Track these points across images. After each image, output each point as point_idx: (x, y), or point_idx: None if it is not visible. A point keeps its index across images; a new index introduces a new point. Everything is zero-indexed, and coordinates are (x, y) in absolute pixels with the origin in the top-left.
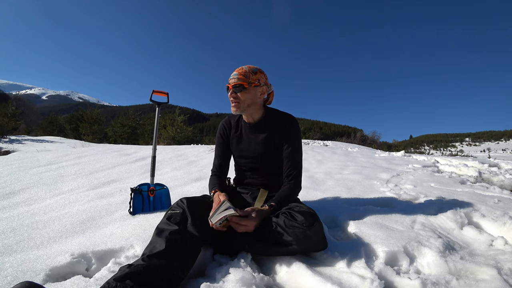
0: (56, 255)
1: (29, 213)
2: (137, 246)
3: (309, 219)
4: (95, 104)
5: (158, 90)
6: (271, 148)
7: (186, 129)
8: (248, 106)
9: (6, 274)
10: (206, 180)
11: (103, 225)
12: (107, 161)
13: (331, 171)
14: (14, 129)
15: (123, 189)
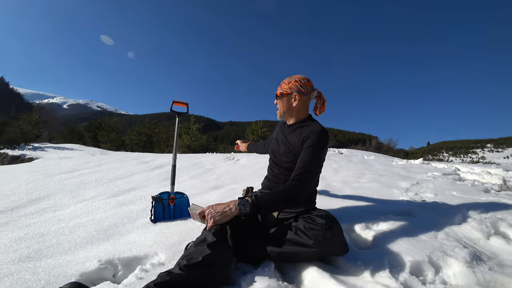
0: (84, 261)
1: (55, 219)
2: (161, 253)
3: (328, 221)
4: (112, 113)
5: (178, 101)
6: (291, 148)
7: (201, 137)
8: (284, 112)
9: (40, 278)
10: (224, 188)
11: (126, 232)
12: (126, 169)
13: (348, 179)
14: (37, 137)
15: (143, 197)
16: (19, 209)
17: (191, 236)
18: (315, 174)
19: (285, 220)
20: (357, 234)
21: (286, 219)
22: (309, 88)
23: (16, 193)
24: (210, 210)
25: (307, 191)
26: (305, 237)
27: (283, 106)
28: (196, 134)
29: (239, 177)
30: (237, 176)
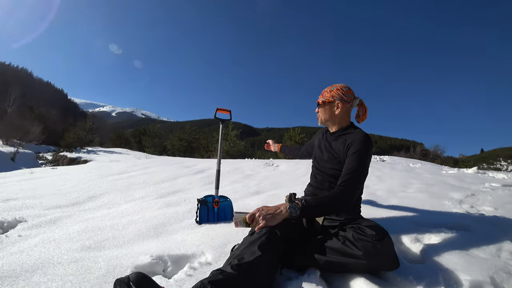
0: (138, 255)
1: (110, 216)
2: (207, 253)
3: (379, 233)
4: (156, 120)
5: (222, 108)
6: (335, 155)
7: (239, 143)
8: (325, 120)
9: (100, 267)
10: (264, 193)
11: (173, 232)
12: (170, 172)
13: (393, 188)
14: (90, 141)
15: (187, 199)
16: (79, 204)
17: (235, 238)
18: (361, 180)
19: (331, 228)
20: (406, 247)
21: (332, 227)
22: (351, 96)
23: (76, 190)
24: (261, 211)
25: (354, 197)
26: (354, 248)
27: (325, 114)
28: (235, 140)
29: (279, 183)
30: (277, 182)
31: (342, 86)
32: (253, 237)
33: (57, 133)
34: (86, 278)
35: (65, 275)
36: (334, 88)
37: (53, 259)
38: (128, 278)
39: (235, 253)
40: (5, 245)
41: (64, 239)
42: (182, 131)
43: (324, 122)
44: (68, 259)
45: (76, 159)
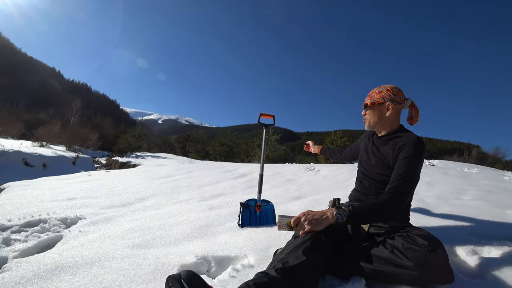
0: (183, 254)
1: (157, 216)
2: (250, 256)
3: (431, 243)
4: (198, 126)
5: (265, 113)
6: (384, 160)
7: (279, 147)
8: (374, 123)
9: (150, 263)
10: (306, 198)
11: (217, 234)
12: (212, 176)
13: (445, 195)
14: (139, 147)
15: (229, 202)
16: (129, 205)
17: (277, 242)
18: (412, 187)
19: (377, 235)
20: (461, 260)
21: (378, 234)
22: (402, 97)
23: (127, 192)
24: (307, 216)
25: (404, 205)
26: (403, 258)
27: (375, 116)
28: (275, 144)
29: (321, 188)
30: (319, 187)
31: (392, 87)
32: (298, 241)
33: (110, 140)
34: (137, 273)
35: (119, 269)
36: (383, 89)
37: (108, 254)
38: (179, 275)
39: (279, 257)
40: (68, 239)
41: (118, 236)
42: (224, 137)
43: (372, 126)
44: (121, 254)
45: (127, 163)
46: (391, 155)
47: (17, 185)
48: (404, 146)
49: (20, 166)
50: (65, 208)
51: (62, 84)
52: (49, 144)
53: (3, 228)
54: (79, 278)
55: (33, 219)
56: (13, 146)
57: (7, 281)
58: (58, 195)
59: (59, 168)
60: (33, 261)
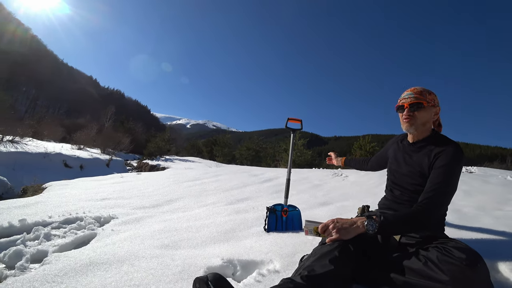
0: (210, 256)
1: (184, 218)
2: (276, 262)
3: (470, 257)
4: (225, 131)
5: (293, 118)
6: (418, 168)
7: (306, 152)
8: (422, 125)
9: (177, 264)
10: (333, 205)
11: (242, 238)
12: (239, 180)
13: (485, 205)
14: (168, 151)
15: (255, 207)
16: (158, 207)
17: (303, 248)
18: (448, 198)
19: (409, 245)
20: (504, 277)
21: (410, 245)
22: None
23: (156, 194)
24: (336, 223)
25: (438, 216)
26: (438, 271)
27: (424, 118)
28: (301, 149)
29: (349, 194)
30: (347, 193)
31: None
32: (324, 249)
33: (141, 143)
34: (165, 273)
35: (148, 268)
36: (431, 91)
37: (138, 253)
38: (206, 277)
39: (304, 264)
40: (101, 237)
41: (147, 236)
42: (250, 141)
43: (416, 128)
44: (150, 254)
45: (156, 166)
46: (426, 162)
47: (58, 184)
48: (440, 153)
49: (61, 167)
50: (99, 207)
51: (98, 91)
52: (85, 147)
53: (45, 223)
54: (111, 275)
55: (71, 216)
56: (55, 148)
57: (47, 273)
58: (93, 195)
59: (94, 169)
60: (70, 256)
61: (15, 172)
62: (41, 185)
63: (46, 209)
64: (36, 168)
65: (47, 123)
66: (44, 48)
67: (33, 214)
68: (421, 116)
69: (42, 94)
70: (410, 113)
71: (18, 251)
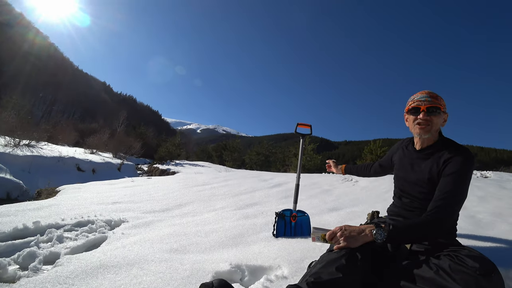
0: (218, 261)
1: (194, 223)
2: (284, 267)
3: (485, 266)
4: (235, 135)
5: (302, 123)
6: (426, 176)
7: (315, 157)
8: (435, 130)
9: (186, 268)
10: (343, 210)
11: (251, 243)
12: (248, 185)
13: (501, 211)
14: (178, 155)
15: (264, 212)
16: (168, 211)
17: (312, 254)
18: (459, 206)
19: (420, 253)
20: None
21: (421, 252)
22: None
23: (166, 198)
24: (344, 231)
25: (448, 225)
26: (450, 280)
27: (438, 124)
28: (311, 154)
29: (359, 199)
30: (357, 199)
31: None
32: (332, 256)
33: (152, 148)
34: (173, 277)
35: (157, 272)
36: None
37: (147, 257)
38: (212, 284)
39: (311, 271)
40: (112, 240)
41: (157, 240)
42: (260, 146)
43: (432, 133)
44: (160, 258)
45: (166, 170)
46: (435, 169)
47: (71, 188)
48: (450, 160)
49: (74, 171)
50: (110, 211)
51: (111, 97)
52: (98, 151)
53: (58, 226)
54: (120, 278)
55: (83, 219)
56: (69, 152)
57: (59, 275)
58: (104, 198)
59: (106, 173)
60: (81, 259)
61: (31, 175)
62: (55, 188)
63: (59, 212)
64: (51, 172)
65: (62, 127)
66: (61, 55)
67: (46, 216)
68: (437, 122)
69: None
70: (427, 117)
71: (31, 253)
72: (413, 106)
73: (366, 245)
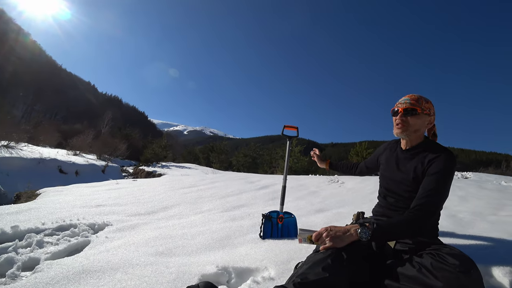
0: (204, 264)
1: (180, 225)
2: (271, 269)
3: (464, 263)
4: (222, 137)
5: (289, 125)
6: (411, 175)
7: (302, 159)
8: (414, 131)
9: (172, 271)
10: (329, 211)
11: (238, 245)
12: (235, 187)
13: (480, 210)
14: (164, 157)
15: (251, 214)
16: (154, 213)
17: (299, 255)
18: (441, 204)
19: (404, 252)
20: (498, 282)
21: (404, 251)
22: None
23: (151, 201)
24: (329, 232)
25: (430, 222)
26: (432, 278)
27: (417, 125)
28: (298, 156)
29: (345, 201)
30: (343, 200)
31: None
32: (318, 257)
33: (138, 150)
34: (159, 280)
35: (142, 276)
36: (428, 100)
37: (132, 260)
38: (198, 286)
39: (298, 271)
40: (95, 244)
41: (142, 244)
42: (247, 148)
43: (408, 134)
44: (145, 261)
45: (152, 172)
46: (420, 169)
47: (52, 190)
48: (434, 160)
49: (56, 173)
50: (94, 214)
51: (96, 97)
52: (81, 153)
53: (38, 230)
54: (104, 283)
55: (65, 223)
56: (50, 154)
57: (39, 281)
58: (87, 201)
59: (90, 175)
60: (62, 264)
61: (9, 177)
62: (35, 191)
63: (39, 216)
64: (31, 174)
65: (43, 128)
66: (43, 53)
67: (26, 220)
68: (414, 123)
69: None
70: (403, 118)
71: (9, 259)
72: (394, 109)
73: (351, 245)
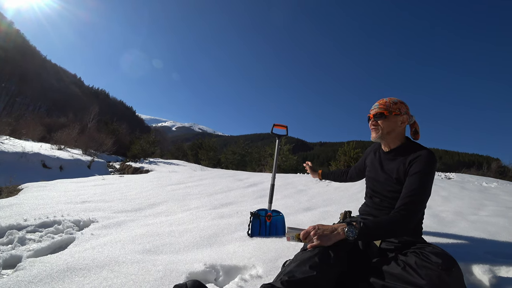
0: (192, 262)
1: (167, 223)
2: (258, 267)
3: (446, 261)
4: (211, 134)
5: (279, 124)
6: (394, 176)
7: (291, 158)
8: (387, 133)
9: (159, 269)
10: (317, 210)
11: (226, 242)
12: (223, 185)
13: (462, 210)
14: (152, 153)
15: (239, 211)
16: (141, 210)
17: (286, 254)
18: (424, 203)
19: (389, 251)
20: (477, 279)
21: (390, 250)
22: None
23: (139, 197)
24: (317, 230)
25: (415, 222)
26: (416, 276)
27: (389, 127)
28: (287, 154)
29: (332, 200)
30: (330, 199)
31: (403, 101)
32: (305, 255)
33: (125, 145)
34: (146, 278)
35: (128, 274)
36: (397, 101)
37: (119, 258)
38: (186, 285)
39: (286, 269)
40: (80, 241)
41: (128, 241)
42: (236, 145)
43: (383, 137)
44: (131, 259)
45: (140, 168)
46: (401, 169)
47: (35, 186)
48: (415, 160)
49: (39, 168)
50: (79, 210)
51: (82, 90)
52: (66, 147)
53: (20, 227)
54: (89, 281)
55: (48, 220)
56: (33, 148)
57: (21, 280)
58: (72, 197)
59: (75, 171)
60: (46, 262)
61: None
62: (17, 186)
63: (21, 212)
64: (13, 168)
65: (26, 121)
66: (27, 43)
67: (7, 217)
68: (385, 126)
69: (23, 91)
70: (374, 123)
71: None
72: (367, 116)
73: (338, 243)
